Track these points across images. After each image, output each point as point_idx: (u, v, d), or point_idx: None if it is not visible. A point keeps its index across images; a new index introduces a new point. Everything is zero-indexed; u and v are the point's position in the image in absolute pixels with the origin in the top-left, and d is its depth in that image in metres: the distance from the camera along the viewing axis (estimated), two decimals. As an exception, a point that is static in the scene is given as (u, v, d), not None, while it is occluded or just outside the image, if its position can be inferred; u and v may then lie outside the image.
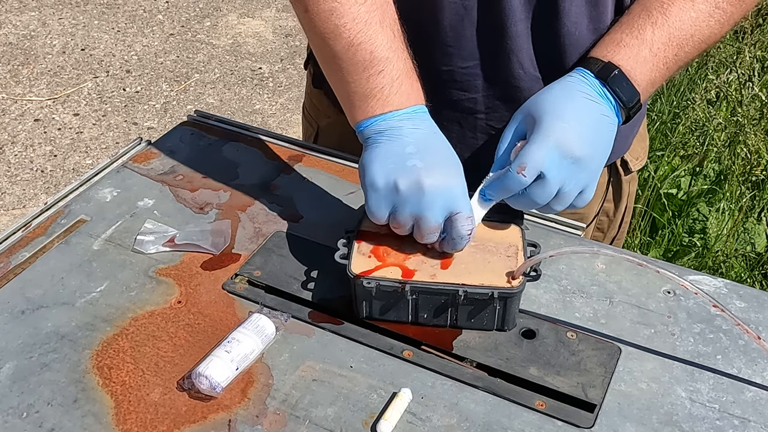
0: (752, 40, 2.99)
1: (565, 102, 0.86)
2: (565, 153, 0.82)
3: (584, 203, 0.87)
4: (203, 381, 0.76)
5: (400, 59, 0.86)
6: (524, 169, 0.81)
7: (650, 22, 0.87)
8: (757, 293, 0.89)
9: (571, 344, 0.82)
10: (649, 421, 0.75)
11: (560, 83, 0.88)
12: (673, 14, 0.87)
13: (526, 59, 0.95)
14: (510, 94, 0.97)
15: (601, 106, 0.86)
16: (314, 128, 1.22)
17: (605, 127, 0.87)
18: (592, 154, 0.84)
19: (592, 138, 0.84)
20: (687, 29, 0.88)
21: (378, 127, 0.85)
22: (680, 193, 2.38)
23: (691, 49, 0.89)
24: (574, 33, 0.93)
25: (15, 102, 3.12)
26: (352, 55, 0.84)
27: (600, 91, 0.87)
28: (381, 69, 0.84)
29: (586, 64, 0.89)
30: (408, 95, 0.86)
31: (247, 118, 3.08)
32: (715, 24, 0.89)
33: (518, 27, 0.92)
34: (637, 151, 1.14)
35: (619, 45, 0.88)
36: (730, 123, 2.59)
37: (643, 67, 0.87)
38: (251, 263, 0.92)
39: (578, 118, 0.84)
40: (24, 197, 2.69)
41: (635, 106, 0.88)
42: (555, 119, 0.83)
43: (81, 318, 0.85)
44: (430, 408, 0.76)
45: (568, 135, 0.83)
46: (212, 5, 3.81)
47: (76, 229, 0.97)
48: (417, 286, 0.81)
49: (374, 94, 0.85)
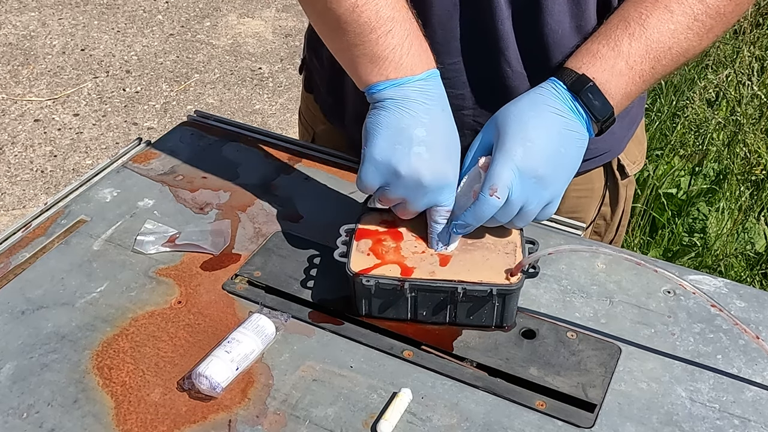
0: (751, 39, 2.99)
1: (531, 117, 0.84)
2: (527, 173, 0.81)
3: (547, 217, 0.87)
4: (203, 381, 0.76)
5: (406, 19, 0.85)
6: (496, 191, 0.80)
7: (627, 34, 0.85)
8: (756, 293, 0.89)
9: (571, 344, 0.82)
10: (649, 421, 0.75)
11: (529, 95, 0.87)
12: (651, 26, 0.85)
13: (512, 57, 0.95)
14: (497, 92, 0.97)
15: (569, 121, 0.85)
16: (310, 134, 1.22)
17: (571, 143, 0.85)
18: (556, 171, 0.83)
19: (556, 155, 0.83)
20: (665, 41, 0.86)
21: (392, 93, 0.84)
22: (680, 193, 2.38)
23: (669, 62, 0.87)
24: (558, 31, 0.93)
25: (15, 102, 3.12)
26: (357, 16, 0.83)
27: (570, 105, 0.85)
28: (389, 29, 0.83)
29: (560, 74, 0.87)
30: (420, 58, 0.85)
31: (247, 118, 3.08)
32: (693, 37, 0.87)
33: (504, 25, 0.92)
34: (634, 155, 1.14)
35: (595, 56, 0.86)
36: (730, 122, 2.59)
37: (619, 80, 0.85)
38: (251, 263, 0.92)
39: (543, 134, 0.83)
40: (24, 197, 2.69)
41: (608, 119, 0.86)
42: (518, 137, 0.82)
43: (81, 318, 0.85)
44: (430, 408, 0.76)
45: (530, 154, 0.82)
46: (212, 5, 3.81)
47: (76, 230, 0.97)
48: (416, 284, 0.81)
49: (386, 55, 0.83)
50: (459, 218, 0.84)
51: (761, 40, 3.02)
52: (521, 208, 0.83)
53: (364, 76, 0.85)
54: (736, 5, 0.88)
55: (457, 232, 0.85)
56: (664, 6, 0.85)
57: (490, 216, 0.83)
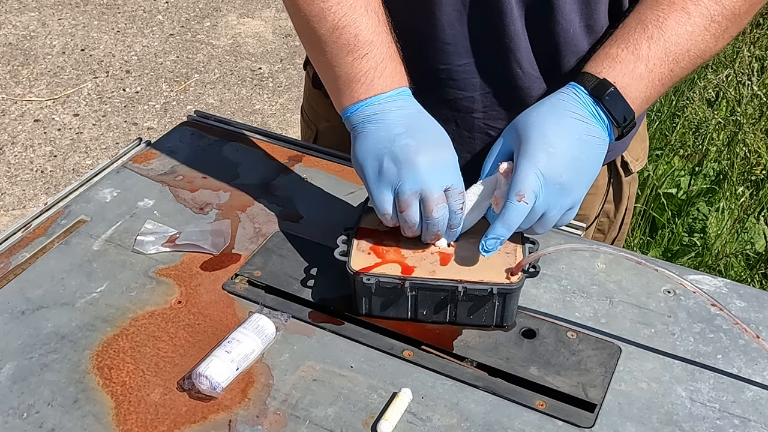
0: (751, 39, 2.99)
1: (553, 123, 0.84)
2: (550, 179, 0.81)
3: (566, 222, 0.87)
4: (203, 381, 0.76)
5: (383, 43, 0.86)
6: (524, 196, 0.80)
7: (646, 37, 0.85)
8: (756, 293, 0.89)
9: (572, 344, 0.82)
10: (649, 421, 0.75)
11: (550, 100, 0.86)
12: (669, 28, 0.85)
13: (523, 57, 0.94)
14: (507, 93, 0.97)
15: (591, 126, 0.84)
16: (313, 131, 1.22)
17: (593, 149, 0.85)
18: (578, 177, 0.83)
19: (578, 161, 0.83)
20: (683, 44, 0.86)
21: (364, 113, 0.85)
22: (680, 193, 2.38)
23: (687, 63, 0.87)
24: (569, 31, 0.93)
25: (15, 102, 3.12)
26: (337, 38, 0.84)
27: (592, 110, 0.85)
28: (365, 53, 0.84)
29: (580, 79, 0.86)
30: (392, 78, 0.86)
31: (247, 118, 3.08)
32: (710, 38, 0.87)
33: (515, 25, 0.92)
34: (637, 152, 1.14)
35: (615, 60, 0.86)
36: (729, 122, 2.59)
37: (639, 84, 0.85)
38: (251, 263, 0.92)
39: (565, 141, 0.83)
40: (24, 198, 2.69)
41: (629, 124, 0.86)
42: (541, 143, 0.82)
43: (81, 318, 0.85)
44: (431, 408, 0.76)
45: (553, 160, 0.81)
46: (212, 5, 3.81)
47: (76, 230, 0.97)
48: (417, 283, 0.81)
49: (359, 78, 0.85)
50: (489, 233, 0.81)
51: (761, 40, 3.02)
52: (543, 214, 0.83)
53: (340, 101, 0.87)
54: (750, 6, 0.88)
55: (488, 249, 0.82)
56: (681, 8, 0.85)
57: (520, 222, 0.81)
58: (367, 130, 0.84)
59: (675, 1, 0.86)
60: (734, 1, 0.86)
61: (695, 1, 0.86)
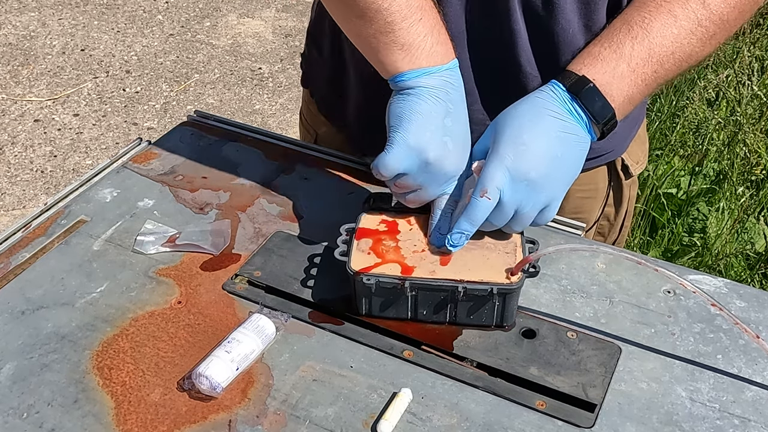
0: (751, 39, 2.99)
1: (528, 120, 0.84)
2: (518, 176, 0.81)
3: (546, 221, 0.87)
4: (203, 381, 0.76)
5: (432, 8, 0.86)
6: (486, 192, 0.81)
7: (630, 37, 0.85)
8: (757, 293, 0.89)
9: (572, 344, 0.82)
10: (649, 421, 0.75)
11: (528, 99, 0.87)
12: (655, 30, 0.85)
13: (523, 55, 0.95)
14: (506, 90, 0.97)
15: (567, 124, 0.84)
16: (312, 136, 1.22)
17: (570, 146, 0.85)
18: (551, 174, 0.83)
19: (551, 158, 0.83)
20: (668, 45, 0.85)
21: (424, 81, 0.84)
22: (680, 193, 2.38)
23: (672, 66, 0.87)
24: (568, 30, 0.93)
25: (15, 102, 3.12)
26: (389, 4, 0.83)
27: (569, 107, 0.85)
28: (420, 17, 0.84)
29: (560, 77, 0.87)
30: (447, 47, 0.86)
31: (247, 118, 3.08)
32: (696, 42, 0.86)
33: (518, 24, 0.92)
34: (636, 155, 1.14)
35: (596, 59, 0.86)
36: (729, 122, 2.59)
37: (620, 82, 0.85)
38: (251, 263, 0.92)
39: (537, 138, 0.83)
40: (24, 198, 2.69)
41: (609, 121, 0.86)
42: (512, 140, 0.83)
43: (81, 318, 0.85)
44: (431, 408, 0.76)
45: (522, 156, 0.82)
46: (212, 5, 3.81)
47: (76, 230, 0.97)
48: (417, 283, 0.81)
49: (417, 43, 0.84)
50: (454, 227, 0.84)
51: (761, 40, 3.02)
52: (516, 212, 0.83)
53: (392, 63, 0.85)
54: (739, 13, 0.88)
55: (454, 244, 0.84)
56: (667, 10, 0.85)
57: (484, 219, 0.83)
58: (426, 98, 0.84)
59: (662, 4, 0.86)
60: (722, 7, 0.86)
61: (682, 5, 0.85)
